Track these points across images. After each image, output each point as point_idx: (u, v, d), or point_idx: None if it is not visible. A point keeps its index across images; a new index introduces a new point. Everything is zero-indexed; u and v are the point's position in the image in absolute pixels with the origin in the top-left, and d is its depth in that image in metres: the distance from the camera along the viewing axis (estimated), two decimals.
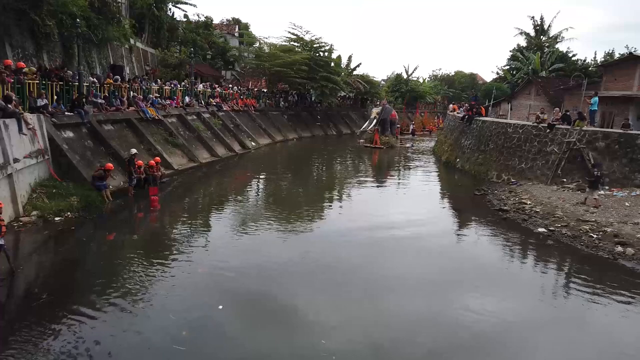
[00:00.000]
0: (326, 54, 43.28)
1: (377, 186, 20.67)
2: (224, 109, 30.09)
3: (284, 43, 41.82)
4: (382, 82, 66.80)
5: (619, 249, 11.54)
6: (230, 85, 37.17)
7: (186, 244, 11.20)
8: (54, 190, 12.95)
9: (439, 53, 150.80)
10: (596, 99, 21.32)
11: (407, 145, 36.45)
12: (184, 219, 13.81)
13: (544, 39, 50.92)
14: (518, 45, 51.96)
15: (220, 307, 7.84)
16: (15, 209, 11.51)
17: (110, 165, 14.52)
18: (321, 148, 34.67)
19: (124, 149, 16.88)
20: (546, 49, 48.32)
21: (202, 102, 28.58)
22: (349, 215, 14.94)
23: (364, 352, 6.92)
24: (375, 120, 36.31)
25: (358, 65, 51.31)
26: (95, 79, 18.88)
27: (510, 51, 51.83)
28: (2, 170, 10.94)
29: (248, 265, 9.89)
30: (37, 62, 18.17)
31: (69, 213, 12.39)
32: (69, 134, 15.31)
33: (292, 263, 10.26)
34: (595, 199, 14.81)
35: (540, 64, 45.21)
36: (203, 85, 31.40)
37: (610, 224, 12.99)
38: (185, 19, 41.56)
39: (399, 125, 42.99)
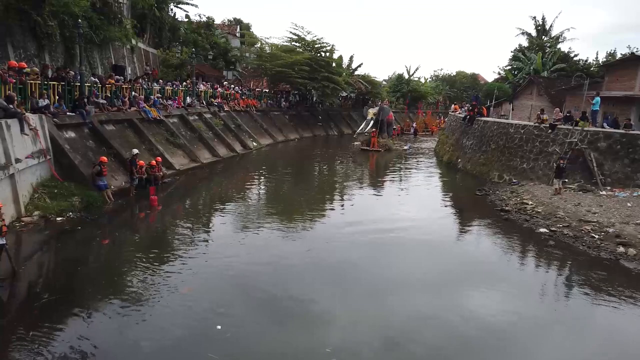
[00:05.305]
0: (327, 54, 43.27)
1: (379, 187, 20.65)
2: (226, 109, 30.12)
3: (285, 43, 41.91)
4: (384, 82, 66.71)
5: (621, 249, 11.52)
6: (232, 86, 37.15)
7: (188, 244, 11.22)
8: (55, 191, 12.99)
9: (441, 53, 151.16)
10: (598, 99, 21.26)
11: (406, 147, 35.51)
12: (186, 219, 13.81)
13: (545, 39, 50.69)
14: (520, 45, 51.70)
15: (219, 327, 7.30)
16: (17, 209, 11.54)
17: (103, 158, 14.48)
18: (321, 149, 34.61)
19: (125, 149, 16.90)
20: (548, 49, 48.06)
21: (204, 102, 28.62)
22: (351, 216, 14.91)
23: (368, 352, 6.91)
24: (372, 122, 34.39)
25: (359, 66, 51.39)
26: (96, 79, 18.92)
27: (511, 51, 51.50)
28: (4, 171, 10.96)
29: (249, 265, 9.89)
30: (39, 62, 18.20)
31: (70, 213, 12.43)
32: (71, 134, 15.34)
33: (295, 263, 10.26)
34: (556, 188, 16.42)
35: (542, 64, 45.00)
36: (204, 85, 31.43)
37: (612, 224, 12.96)
38: (186, 20, 41.57)
39: (396, 127, 42.36)
